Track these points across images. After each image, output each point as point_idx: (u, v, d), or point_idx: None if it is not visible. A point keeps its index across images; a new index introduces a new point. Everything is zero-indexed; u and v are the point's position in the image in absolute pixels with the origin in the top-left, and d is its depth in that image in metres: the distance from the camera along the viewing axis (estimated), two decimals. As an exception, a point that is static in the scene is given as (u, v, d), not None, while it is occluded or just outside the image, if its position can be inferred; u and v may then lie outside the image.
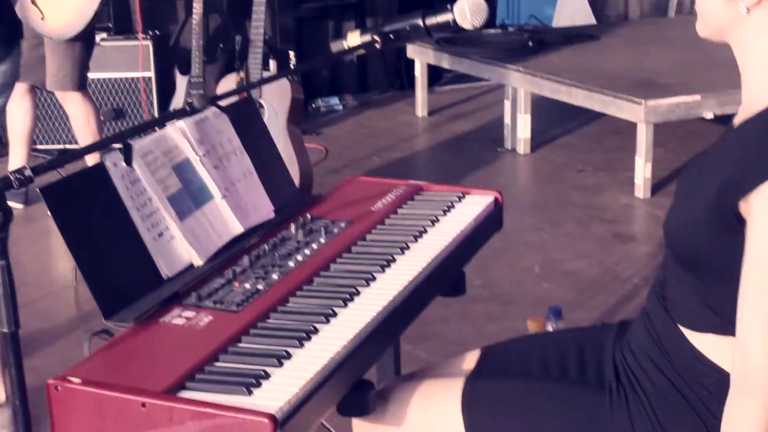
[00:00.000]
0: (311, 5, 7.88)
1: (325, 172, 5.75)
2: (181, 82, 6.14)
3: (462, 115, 7.27)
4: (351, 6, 7.97)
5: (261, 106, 4.72)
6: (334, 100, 7.55)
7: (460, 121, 7.12)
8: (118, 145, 2.13)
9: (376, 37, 2.36)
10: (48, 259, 4.84)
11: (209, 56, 6.22)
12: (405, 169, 6.04)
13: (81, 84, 5.13)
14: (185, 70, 5.96)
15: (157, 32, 6.69)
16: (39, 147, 6.15)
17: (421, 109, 7.27)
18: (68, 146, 6.17)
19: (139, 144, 2.16)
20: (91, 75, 5.34)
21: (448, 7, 2.36)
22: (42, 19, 4.83)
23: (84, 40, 5.02)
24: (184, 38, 7.16)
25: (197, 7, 5.77)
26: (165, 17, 7.55)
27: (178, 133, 2.28)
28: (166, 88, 6.46)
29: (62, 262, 4.75)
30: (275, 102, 4.78)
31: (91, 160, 5.19)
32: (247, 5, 5.15)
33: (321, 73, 7.74)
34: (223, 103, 2.37)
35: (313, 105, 7.41)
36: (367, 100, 7.66)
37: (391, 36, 2.37)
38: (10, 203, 1.76)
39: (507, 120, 6.43)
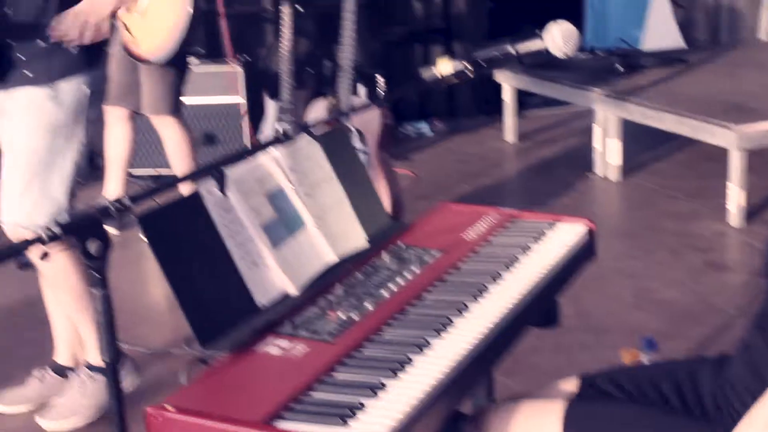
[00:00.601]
0: (399, 29, 7.92)
1: (415, 198, 5.74)
2: (270, 107, 6.19)
3: (551, 140, 7.24)
4: (438, 30, 8.00)
5: (350, 131, 4.74)
6: (423, 125, 7.56)
7: (549, 147, 7.09)
8: (212, 174, 2.15)
9: (468, 65, 2.36)
10: (142, 284, 4.89)
11: (298, 81, 6.25)
12: (495, 195, 6.02)
13: (176, 109, 5.20)
14: (274, 95, 6.00)
15: (247, 57, 6.75)
16: (132, 171, 6.22)
17: (509, 134, 7.25)
18: (161, 171, 6.21)
19: (233, 172, 2.18)
20: (184, 100, 5.40)
21: (537, 33, 2.35)
22: (135, 44, 4.91)
23: (177, 65, 5.09)
24: (272, 63, 7.23)
25: (286, 32, 5.81)
26: (253, 42, 7.63)
27: (271, 161, 2.29)
28: (255, 113, 6.51)
29: (156, 288, 4.80)
30: (365, 127, 4.80)
31: (185, 186, 5.26)
32: (335, 30, 5.18)
33: (409, 98, 7.76)
34: (314, 130, 2.38)
35: (402, 130, 7.43)
36: (455, 125, 7.66)
37: (483, 63, 2.36)
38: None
39: (596, 145, 6.38)
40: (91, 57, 3.33)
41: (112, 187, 5.39)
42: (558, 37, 2.32)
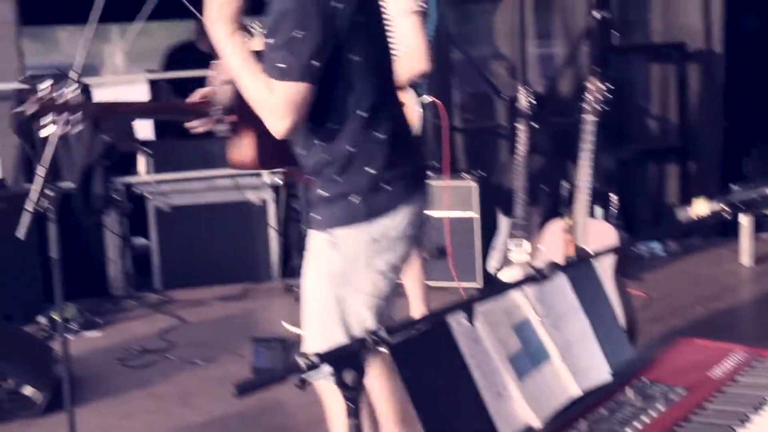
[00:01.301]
0: (633, 147, 7.88)
1: (648, 321, 5.64)
2: (503, 222, 6.24)
3: (790, 266, 7.03)
4: (674, 149, 7.92)
5: (593, 258, 4.69)
6: (656, 246, 7.47)
7: (788, 272, 6.89)
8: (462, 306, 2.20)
9: (725, 207, 2.35)
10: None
11: (532, 198, 6.29)
12: (730, 321, 5.86)
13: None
14: (507, 211, 6.05)
15: (481, 172, 6.83)
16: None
17: (745, 256, 7.07)
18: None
19: (482, 305, 2.22)
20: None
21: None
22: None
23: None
24: (506, 179, 7.31)
25: (521, 148, 5.88)
26: (488, 157, 7.73)
27: (519, 294, 2.32)
28: (488, 229, 6.56)
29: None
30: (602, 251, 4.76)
31: (416, 309, 5.28)
32: (570, 147, 5.20)
33: (643, 218, 7.68)
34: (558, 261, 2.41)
35: (635, 250, 7.35)
36: (688, 246, 7.53)
37: (741, 206, 2.35)
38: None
39: (839, 273, 6.17)
40: (374, 208, 3.18)
41: (415, 307, 5.43)
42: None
